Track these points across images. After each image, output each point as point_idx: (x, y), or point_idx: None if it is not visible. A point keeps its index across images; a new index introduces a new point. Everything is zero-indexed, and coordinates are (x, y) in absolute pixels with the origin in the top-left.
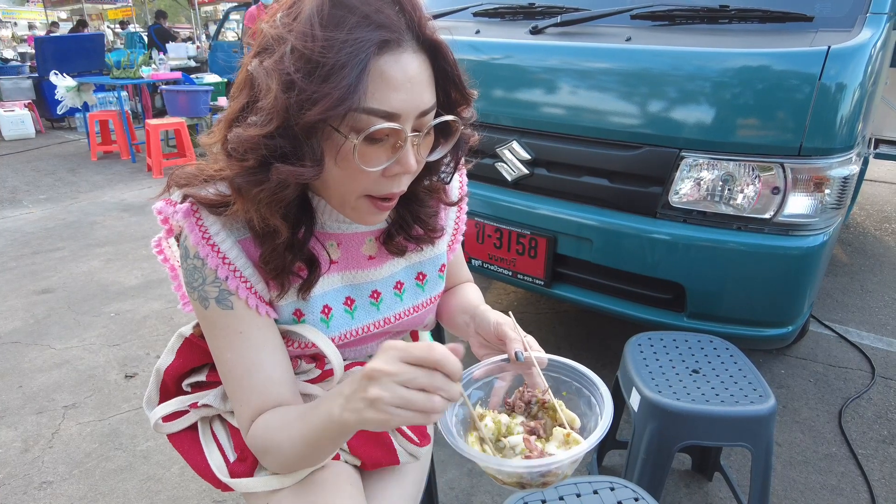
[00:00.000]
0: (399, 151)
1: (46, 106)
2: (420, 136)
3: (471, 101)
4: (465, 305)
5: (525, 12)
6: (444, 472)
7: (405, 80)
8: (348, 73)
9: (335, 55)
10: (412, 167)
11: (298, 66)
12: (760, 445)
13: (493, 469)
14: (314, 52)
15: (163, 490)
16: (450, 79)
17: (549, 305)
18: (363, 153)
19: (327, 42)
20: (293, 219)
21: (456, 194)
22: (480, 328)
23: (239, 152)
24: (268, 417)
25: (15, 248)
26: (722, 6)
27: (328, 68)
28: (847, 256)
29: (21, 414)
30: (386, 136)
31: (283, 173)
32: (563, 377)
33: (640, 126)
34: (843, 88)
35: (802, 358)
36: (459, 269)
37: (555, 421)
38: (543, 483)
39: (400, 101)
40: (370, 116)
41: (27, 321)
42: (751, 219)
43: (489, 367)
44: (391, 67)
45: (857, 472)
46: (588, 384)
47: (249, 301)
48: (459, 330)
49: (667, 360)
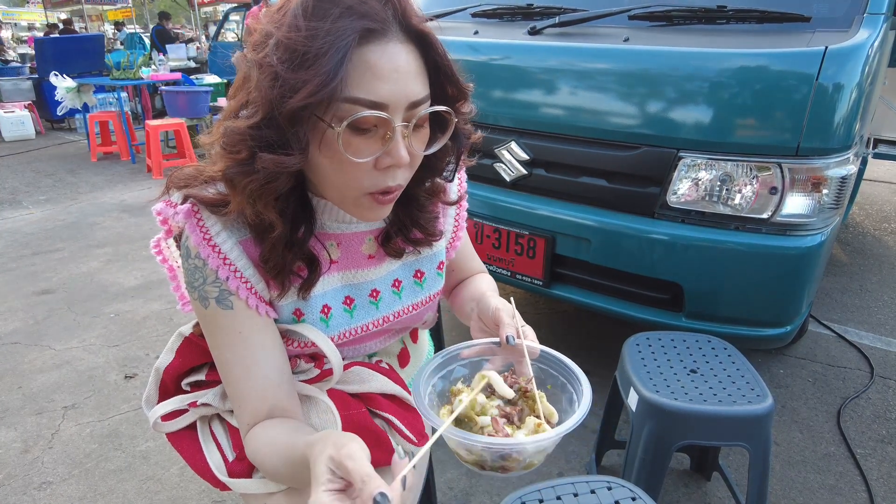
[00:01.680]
0: (388, 142)
1: (46, 107)
2: (409, 127)
3: (468, 95)
4: (473, 293)
5: (523, 13)
6: (442, 472)
7: (391, 69)
8: (329, 59)
9: (317, 44)
10: (403, 158)
11: (283, 57)
12: (758, 445)
13: (455, 442)
14: (297, 43)
15: (162, 490)
16: (442, 70)
17: (548, 305)
18: (350, 143)
19: (310, 32)
20: (292, 217)
21: (455, 193)
22: (482, 313)
23: (230, 145)
24: (259, 433)
25: (15, 249)
26: (719, 6)
27: (310, 56)
28: (846, 256)
29: (21, 414)
30: (374, 127)
31: (267, 162)
32: (551, 370)
33: (638, 126)
34: (840, 88)
35: (801, 357)
36: (470, 261)
37: (533, 412)
38: (503, 467)
39: (386, 90)
40: (354, 105)
41: (27, 322)
42: (749, 219)
43: (480, 348)
44: (377, 56)
45: (855, 471)
46: (574, 382)
47: (250, 301)
48: (467, 318)
49: (665, 359)
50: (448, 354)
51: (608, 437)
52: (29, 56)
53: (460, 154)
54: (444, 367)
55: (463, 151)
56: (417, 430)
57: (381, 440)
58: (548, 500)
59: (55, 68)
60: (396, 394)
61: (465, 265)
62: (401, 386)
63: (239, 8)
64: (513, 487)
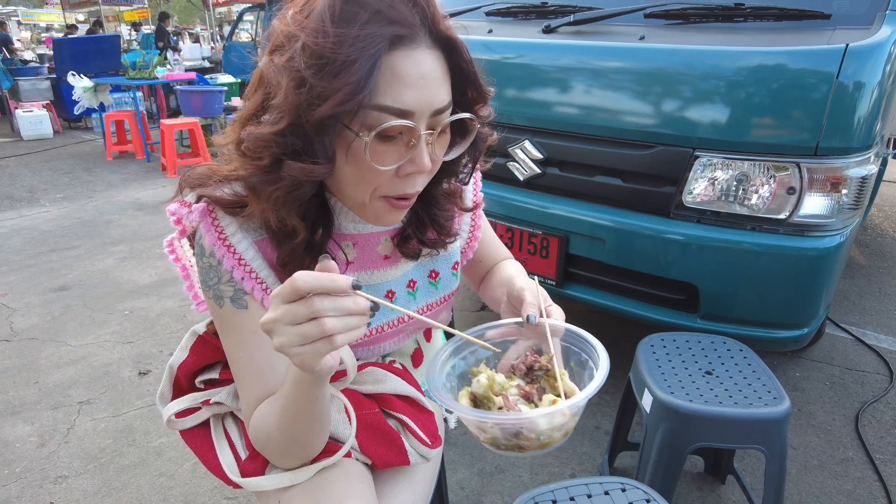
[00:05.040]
0: (413, 150)
1: (64, 106)
2: (434, 135)
3: (488, 99)
4: (502, 279)
5: (538, 11)
6: (454, 472)
7: (418, 76)
8: (359, 68)
9: (346, 51)
10: (426, 166)
11: (309, 62)
12: (774, 448)
13: (470, 421)
14: (325, 49)
15: (175, 486)
16: (466, 76)
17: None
18: (375, 151)
19: (338, 38)
20: (312, 220)
21: (471, 200)
22: (510, 295)
23: (252, 151)
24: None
25: (32, 247)
26: (737, 4)
27: (339, 64)
28: (865, 258)
29: (37, 409)
30: (399, 135)
31: (294, 170)
32: (573, 347)
33: (654, 125)
34: (861, 87)
35: (818, 361)
36: (496, 250)
37: (555, 390)
38: (518, 446)
39: (413, 98)
40: (382, 113)
41: (44, 318)
42: (766, 219)
43: (505, 329)
44: (404, 63)
45: (874, 477)
46: (594, 355)
47: (265, 302)
48: (499, 304)
49: (679, 361)
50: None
51: (621, 439)
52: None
53: (477, 157)
54: (466, 349)
55: (479, 155)
56: (431, 432)
57: (394, 441)
58: (561, 501)
59: (73, 68)
60: (410, 395)
61: (490, 254)
62: (414, 387)
63: (253, 8)
64: (525, 488)
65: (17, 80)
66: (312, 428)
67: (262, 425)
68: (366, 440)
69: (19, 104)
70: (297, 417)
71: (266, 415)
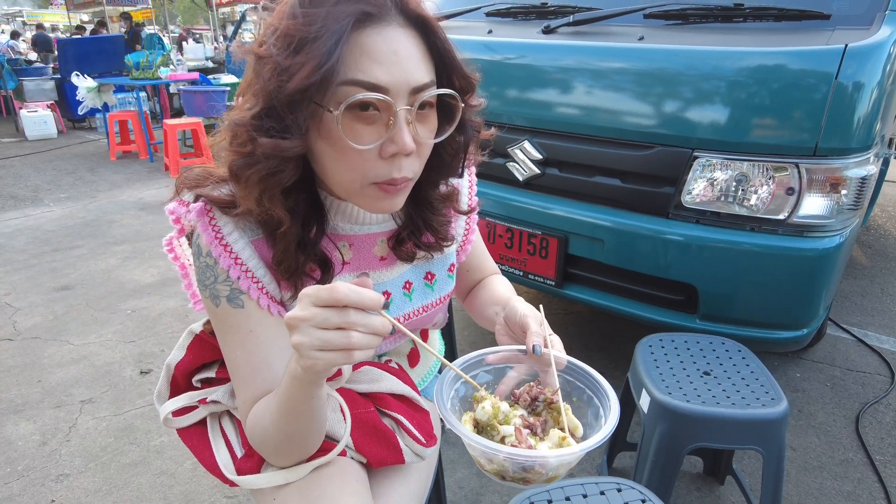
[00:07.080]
0: (392, 129)
1: (68, 106)
2: (413, 111)
3: (474, 86)
4: (496, 297)
5: (537, 12)
6: (453, 472)
7: (390, 52)
8: (323, 42)
9: (313, 28)
10: (407, 145)
11: (279, 44)
12: (772, 449)
13: (477, 450)
14: (294, 29)
15: (176, 485)
16: (444, 57)
17: (561, 306)
18: (351, 129)
19: (307, 18)
20: (303, 217)
21: (465, 204)
22: (509, 318)
23: (235, 139)
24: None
25: (36, 246)
26: (736, 4)
27: (305, 41)
28: (867, 259)
29: (40, 408)
30: (377, 112)
31: (266, 147)
32: (577, 383)
33: (653, 126)
34: (860, 87)
35: (819, 361)
36: (484, 262)
37: (557, 424)
38: (524, 479)
39: (385, 73)
40: (352, 87)
41: (47, 317)
42: (765, 220)
43: (505, 355)
44: (373, 40)
45: (873, 478)
46: (601, 395)
47: (261, 301)
48: (488, 322)
49: (678, 361)
50: (472, 360)
51: (620, 439)
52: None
53: (467, 144)
54: (468, 373)
55: (469, 142)
56: (426, 431)
57: (389, 439)
58: (557, 501)
59: (77, 68)
60: (406, 394)
61: (479, 265)
62: (410, 386)
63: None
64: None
65: (22, 81)
66: (308, 426)
67: (258, 423)
68: (361, 439)
69: (24, 104)
70: (292, 415)
71: (262, 413)
